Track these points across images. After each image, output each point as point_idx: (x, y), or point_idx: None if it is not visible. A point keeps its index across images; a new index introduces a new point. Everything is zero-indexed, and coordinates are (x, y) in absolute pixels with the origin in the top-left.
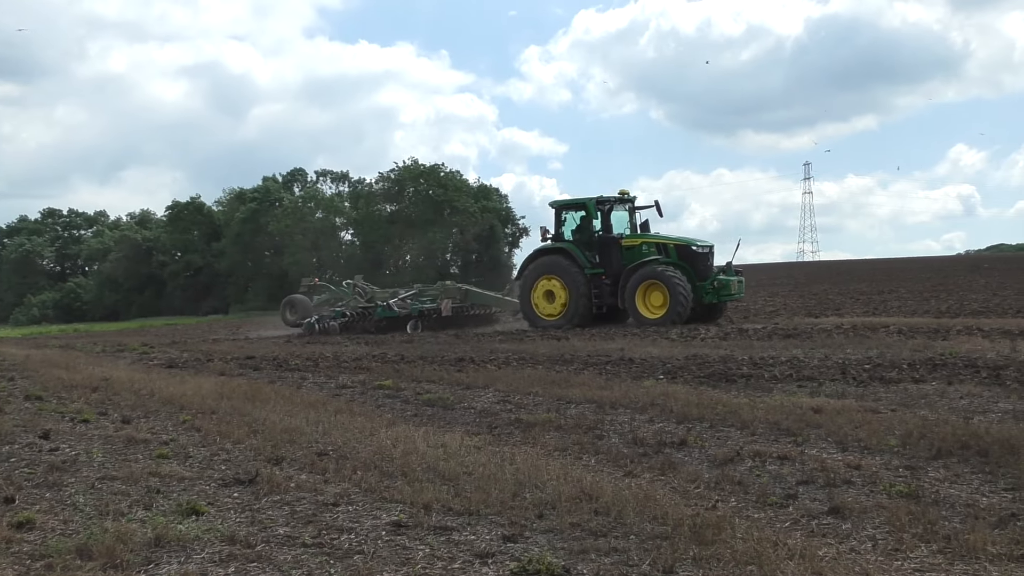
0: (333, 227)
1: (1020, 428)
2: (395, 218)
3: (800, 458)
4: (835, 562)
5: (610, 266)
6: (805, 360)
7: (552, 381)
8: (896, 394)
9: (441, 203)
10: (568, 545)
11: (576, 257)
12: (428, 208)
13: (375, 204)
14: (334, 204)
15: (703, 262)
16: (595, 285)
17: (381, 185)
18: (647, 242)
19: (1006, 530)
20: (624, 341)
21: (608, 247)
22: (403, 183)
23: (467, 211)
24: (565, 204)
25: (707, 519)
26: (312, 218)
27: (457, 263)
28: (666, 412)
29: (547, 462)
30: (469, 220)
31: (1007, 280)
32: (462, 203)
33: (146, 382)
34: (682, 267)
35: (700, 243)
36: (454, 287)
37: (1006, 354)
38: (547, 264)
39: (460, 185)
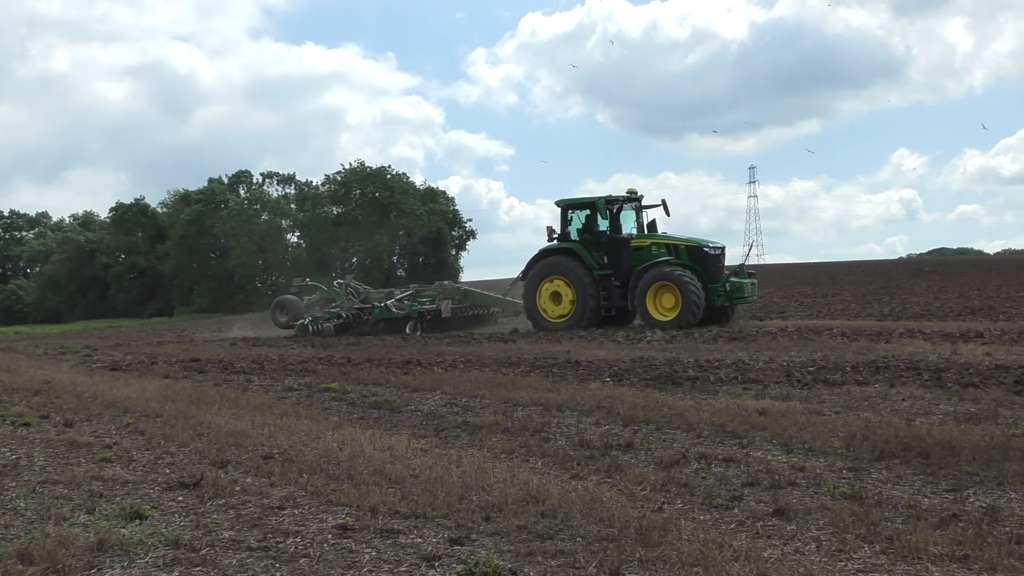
0: (279, 229)
1: (961, 430)
2: (341, 220)
3: (745, 460)
4: (780, 563)
5: (619, 267)
6: (750, 363)
7: (499, 384)
8: (840, 396)
9: (388, 205)
10: (515, 548)
11: (583, 258)
12: (375, 210)
13: (321, 206)
14: (280, 206)
15: (715, 264)
16: (604, 286)
17: (327, 187)
18: (657, 243)
19: (947, 531)
20: (571, 344)
21: (617, 248)
22: (349, 185)
23: (414, 214)
24: (572, 203)
25: (653, 521)
26: (258, 220)
27: (404, 266)
28: (612, 414)
29: (494, 465)
30: (416, 223)
31: (948, 284)
32: (409, 205)
33: (89, 385)
34: (694, 269)
35: (712, 244)
36: (452, 287)
37: (947, 356)
38: (553, 265)
39: (407, 187)
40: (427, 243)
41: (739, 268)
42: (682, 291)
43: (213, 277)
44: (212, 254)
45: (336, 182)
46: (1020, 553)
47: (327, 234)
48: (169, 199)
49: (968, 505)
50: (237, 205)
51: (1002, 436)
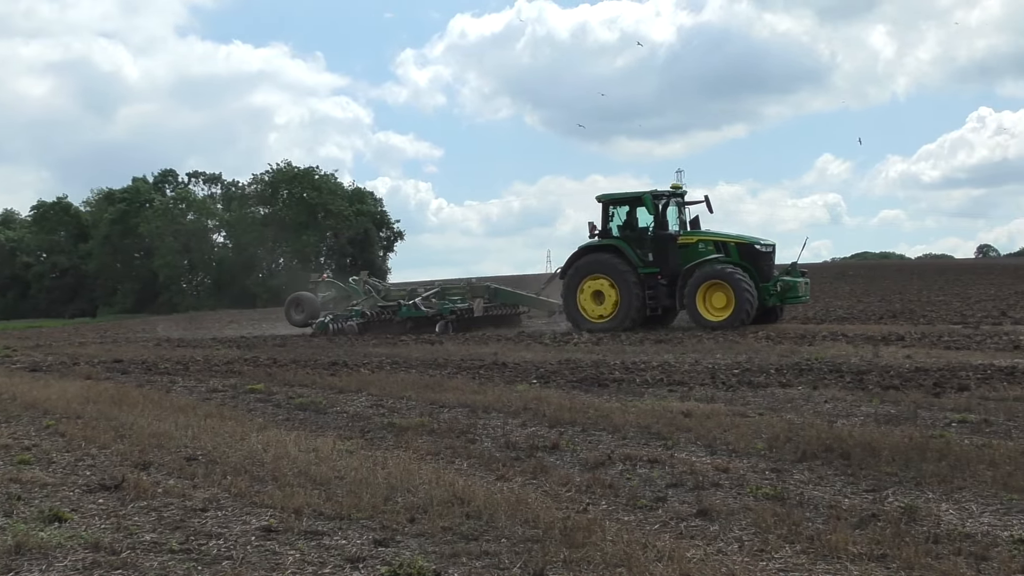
0: (205, 229)
1: (881, 431)
2: (268, 221)
3: (670, 461)
4: (702, 563)
5: (666, 265)
6: (676, 365)
7: (425, 385)
8: (764, 398)
9: (315, 206)
10: (439, 549)
11: (627, 255)
12: (302, 211)
13: (248, 206)
14: (206, 206)
15: (766, 262)
16: (650, 285)
17: (254, 187)
18: (704, 240)
19: (866, 530)
20: (498, 346)
21: (664, 245)
22: (277, 186)
23: (341, 214)
24: (614, 198)
25: (578, 522)
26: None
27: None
28: (539, 416)
29: (419, 466)
30: (343, 223)
31: (871, 287)
32: (336, 206)
33: (7, 386)
34: (744, 267)
35: (764, 242)
36: (482, 285)
37: (869, 359)
38: (595, 262)
39: (334, 188)
40: (354, 244)
41: (792, 266)
42: (735, 290)
43: (137, 277)
44: (136, 254)
45: (263, 182)
46: (937, 552)
47: (254, 234)
48: (92, 198)
49: (887, 505)
50: (162, 204)
51: (921, 437)
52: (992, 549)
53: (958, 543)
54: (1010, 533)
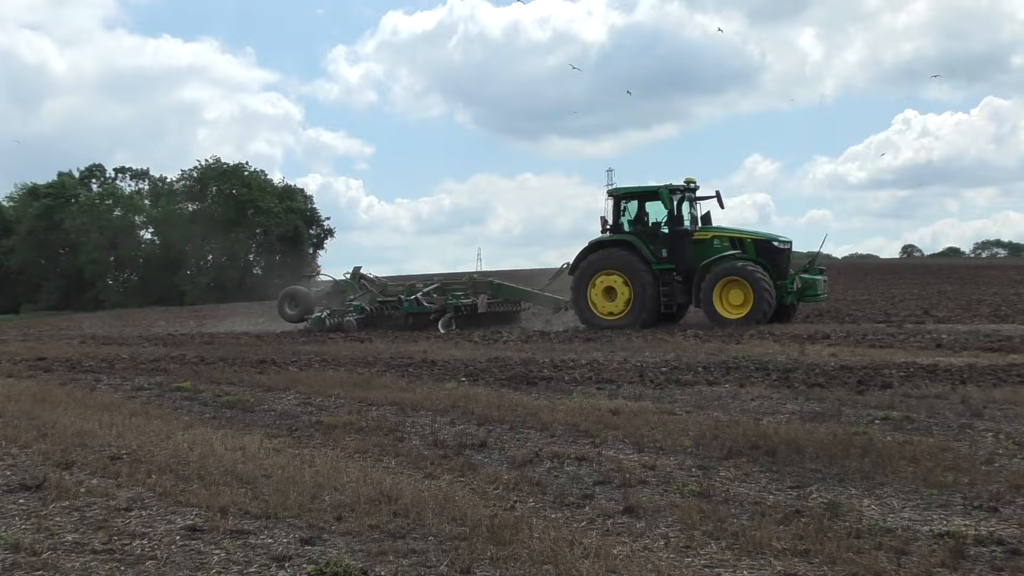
0: (132, 225)
1: (806, 428)
2: (197, 217)
3: (597, 459)
4: (629, 560)
5: (682, 261)
6: (605, 363)
7: (354, 383)
8: (691, 396)
9: (245, 203)
10: (366, 547)
11: (641, 251)
12: (231, 208)
13: (176, 203)
14: (133, 202)
15: (783, 259)
16: (664, 282)
17: (183, 183)
18: (719, 236)
19: (790, 526)
20: (427, 344)
21: (679, 240)
22: (206, 182)
23: (271, 211)
24: (627, 192)
25: (505, 519)
26: (110, 216)
27: (260, 264)
28: (467, 414)
29: (347, 464)
30: (273, 220)
31: None
32: (266, 203)
33: None
34: (762, 264)
35: (781, 239)
36: (484, 281)
37: (795, 357)
38: (607, 258)
39: (264, 185)
40: (284, 241)
41: (810, 264)
42: (754, 287)
43: (62, 274)
44: (61, 250)
45: (192, 178)
46: (858, 547)
47: (182, 231)
48: (16, 193)
49: (811, 501)
50: (88, 200)
51: (844, 434)
52: (912, 543)
53: (879, 538)
54: (930, 528)
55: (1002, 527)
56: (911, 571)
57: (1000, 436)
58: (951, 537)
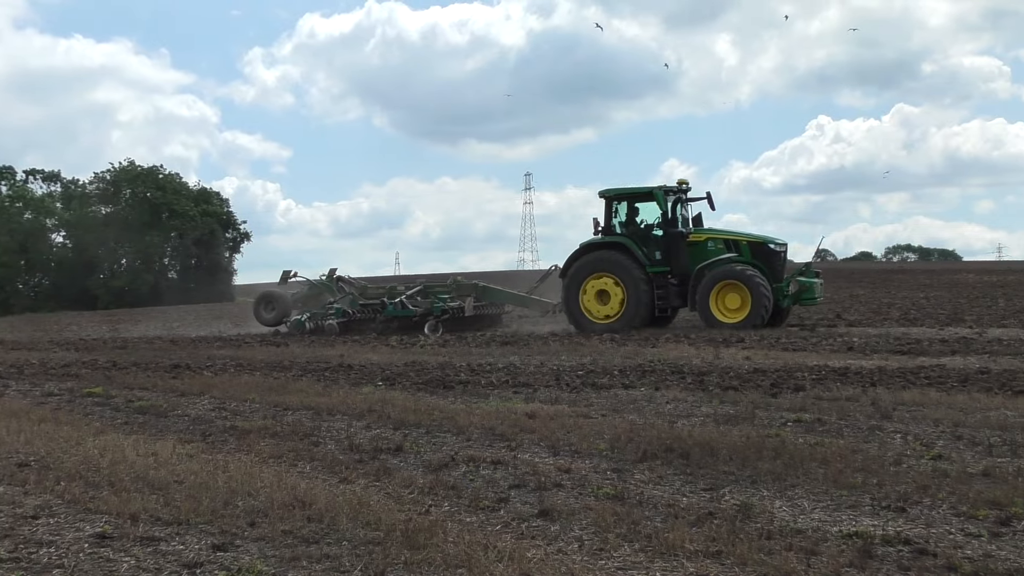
0: (43, 229)
1: (720, 431)
2: (110, 221)
3: (513, 462)
4: (543, 563)
5: (677, 264)
6: (521, 367)
7: (270, 388)
8: (607, 399)
9: (159, 206)
10: (280, 553)
11: (635, 253)
12: (145, 211)
13: (89, 206)
14: (45, 205)
15: (779, 262)
16: (659, 284)
17: (96, 186)
18: (714, 238)
19: (703, 528)
20: (344, 348)
21: (674, 243)
22: (119, 185)
23: (187, 215)
24: (620, 193)
25: (420, 524)
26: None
27: (176, 268)
28: (383, 418)
29: (261, 469)
30: (189, 224)
31: None
32: (181, 207)
33: None
34: (758, 267)
35: (777, 241)
36: (468, 283)
37: (710, 360)
38: (600, 260)
39: (179, 188)
40: (200, 245)
41: (806, 267)
42: (752, 291)
43: None
44: None
45: (105, 181)
46: (769, 548)
47: (95, 234)
48: None
49: (723, 503)
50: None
51: (757, 436)
52: (821, 544)
53: (790, 539)
54: (839, 528)
55: (909, 527)
56: (820, 571)
57: (908, 438)
58: (859, 537)
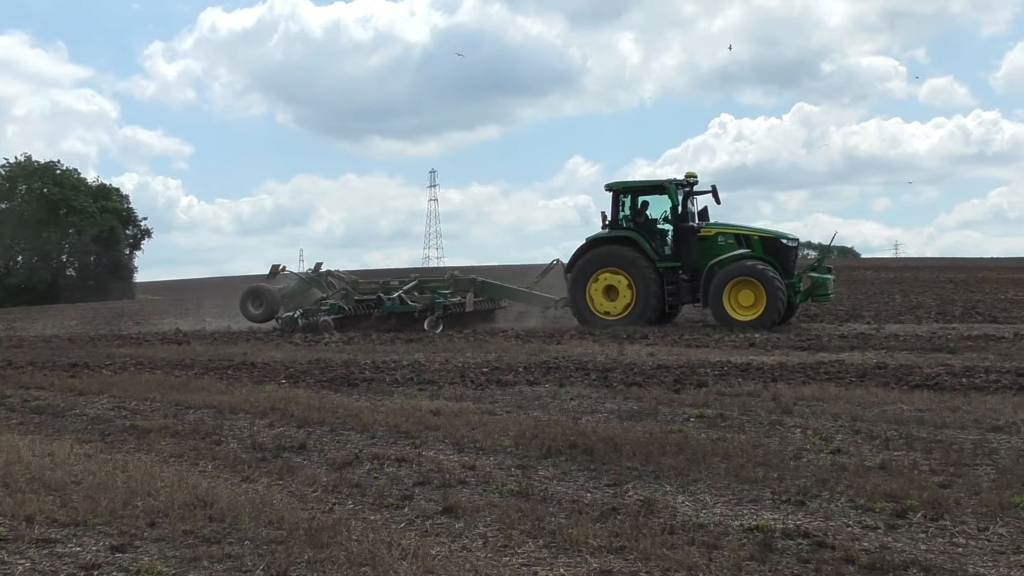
0: None
1: (624, 427)
2: (5, 217)
3: (418, 460)
4: (447, 560)
5: (688, 259)
6: (426, 364)
7: (171, 386)
8: (512, 396)
9: (57, 202)
10: (180, 553)
11: (644, 248)
12: (42, 207)
13: None
14: None
15: (791, 258)
16: (669, 280)
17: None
18: (724, 232)
19: (607, 523)
20: (247, 345)
21: (685, 237)
22: (15, 180)
23: (85, 211)
24: (628, 187)
25: (323, 522)
26: None
27: (74, 265)
28: (287, 416)
29: (161, 469)
30: (87, 221)
31: None
32: (80, 203)
33: None
34: (771, 263)
35: (789, 236)
36: (466, 278)
37: (614, 357)
38: (608, 255)
39: (78, 184)
40: (99, 242)
41: (818, 262)
42: (767, 288)
43: None
44: None
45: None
46: (672, 543)
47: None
48: None
49: (627, 499)
50: None
51: (660, 432)
52: (723, 538)
53: (692, 533)
54: (740, 522)
55: (808, 520)
56: (721, 565)
57: (808, 432)
58: (760, 531)
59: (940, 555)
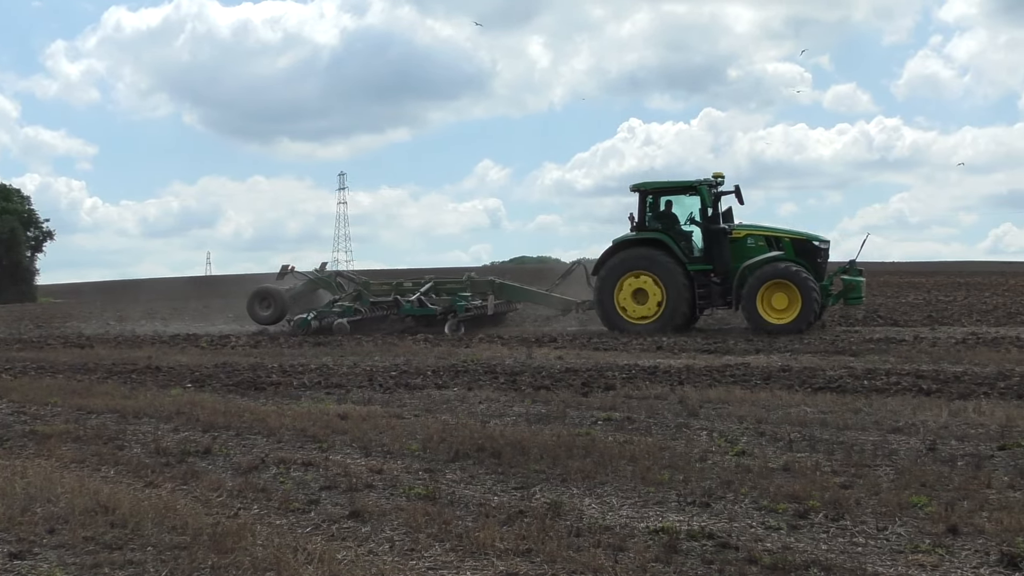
0: None
1: (531, 430)
2: None
3: (325, 464)
4: (353, 565)
5: (721, 262)
6: (334, 367)
7: (73, 390)
8: (420, 400)
9: None
10: (80, 560)
11: (674, 250)
12: None
13: None
14: None
15: (823, 260)
16: (700, 283)
17: None
18: (754, 234)
19: (514, 527)
20: (152, 349)
21: (717, 239)
22: None
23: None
24: (656, 187)
25: (228, 527)
26: None
27: None
28: (192, 421)
29: (62, 475)
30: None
31: None
32: None
33: None
34: (803, 265)
35: (821, 238)
36: (483, 280)
37: (522, 360)
38: (637, 258)
39: None
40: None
41: (850, 265)
42: (802, 291)
43: None
44: None
45: None
46: (578, 545)
47: None
48: None
49: (534, 502)
50: None
51: (568, 435)
52: (629, 540)
53: (598, 535)
54: (646, 524)
55: (713, 521)
56: (627, 567)
57: (714, 434)
58: (665, 533)
59: (840, 555)
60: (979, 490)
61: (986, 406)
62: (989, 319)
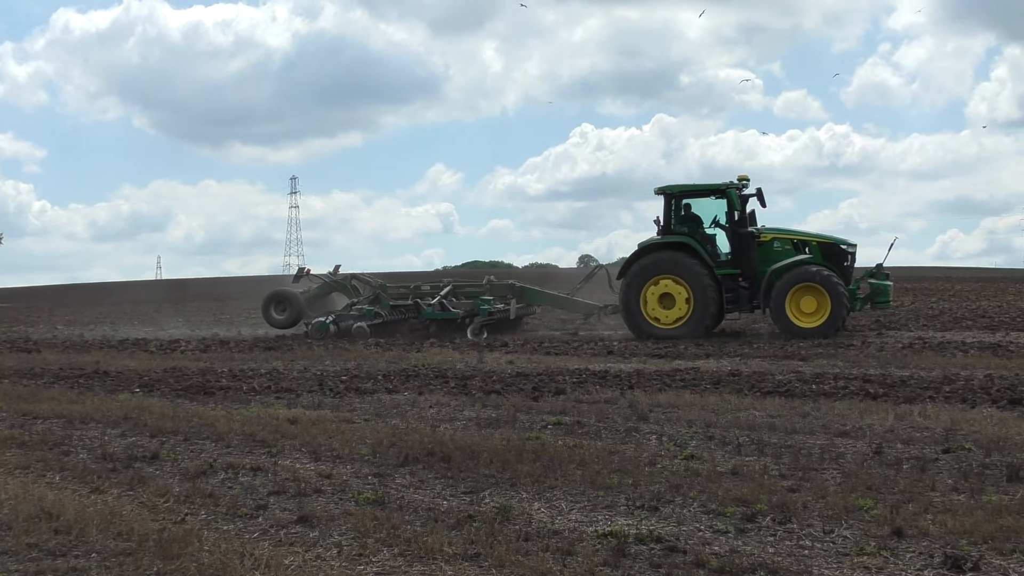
0: None
1: (482, 434)
2: None
3: (273, 469)
4: (300, 570)
5: (749, 265)
6: (285, 372)
7: (18, 395)
8: (370, 404)
9: None
10: (23, 567)
11: (700, 254)
12: None
13: None
14: None
15: (850, 264)
16: (728, 287)
17: None
18: (780, 238)
19: (462, 531)
20: (100, 354)
21: (744, 243)
22: None
23: None
24: (684, 190)
25: (174, 533)
26: None
27: None
28: (140, 426)
29: (6, 481)
30: None
31: None
32: None
33: None
34: (831, 269)
35: (847, 242)
36: (503, 284)
37: (474, 365)
38: (663, 262)
39: None
40: None
41: (877, 268)
42: (831, 294)
43: None
44: None
45: None
46: (527, 549)
47: None
48: None
49: (483, 506)
50: None
51: (518, 439)
52: (578, 544)
53: (547, 539)
54: (595, 528)
55: (661, 525)
56: (575, 571)
57: (663, 438)
58: (614, 536)
59: (787, 557)
60: (924, 493)
61: (931, 410)
62: (935, 324)
